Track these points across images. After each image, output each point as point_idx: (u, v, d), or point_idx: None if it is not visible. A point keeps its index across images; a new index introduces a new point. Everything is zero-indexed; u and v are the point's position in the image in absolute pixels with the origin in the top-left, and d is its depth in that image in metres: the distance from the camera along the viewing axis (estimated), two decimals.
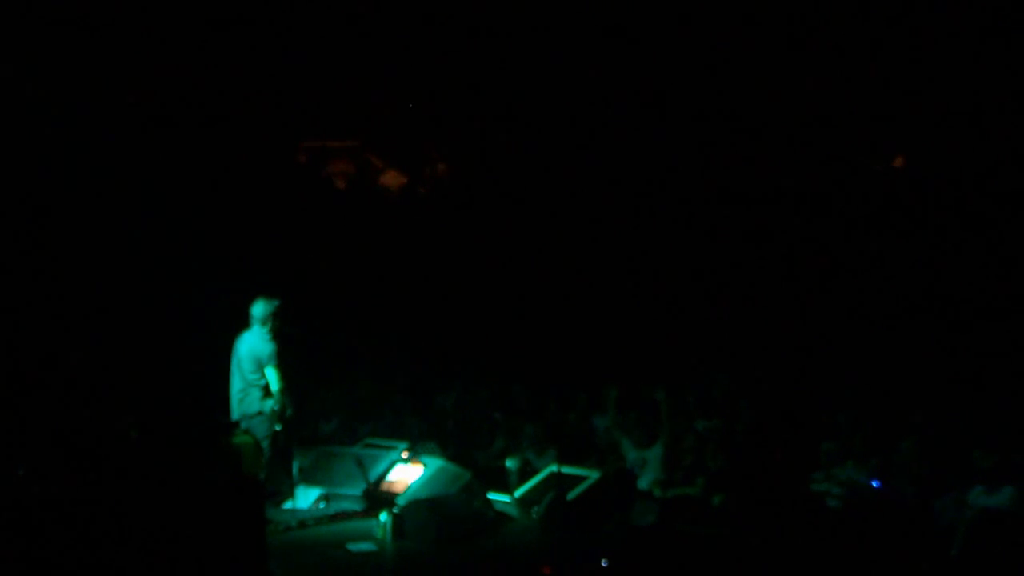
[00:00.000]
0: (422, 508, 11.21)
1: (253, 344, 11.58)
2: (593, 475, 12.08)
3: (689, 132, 15.80)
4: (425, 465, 12.31)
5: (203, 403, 12.18)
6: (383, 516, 11.19)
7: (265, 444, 11.23)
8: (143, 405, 11.09)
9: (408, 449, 12.70)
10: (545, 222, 16.89)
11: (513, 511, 12.29)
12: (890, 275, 15.75)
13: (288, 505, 12.07)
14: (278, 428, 11.60)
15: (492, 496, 12.27)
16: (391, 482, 12.31)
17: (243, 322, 11.70)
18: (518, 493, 12.48)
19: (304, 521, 11.72)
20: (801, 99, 15.01)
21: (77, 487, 8.48)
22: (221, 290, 12.80)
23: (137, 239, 14.34)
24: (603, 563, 9.87)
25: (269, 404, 11.52)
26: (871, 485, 11.38)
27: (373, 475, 12.38)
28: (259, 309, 11.61)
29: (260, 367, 11.52)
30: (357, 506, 12.19)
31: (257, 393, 11.56)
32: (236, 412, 11.59)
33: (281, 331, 11.60)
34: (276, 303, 11.65)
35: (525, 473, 12.87)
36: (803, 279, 16.08)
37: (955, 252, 15.48)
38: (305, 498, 12.28)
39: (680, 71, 14.84)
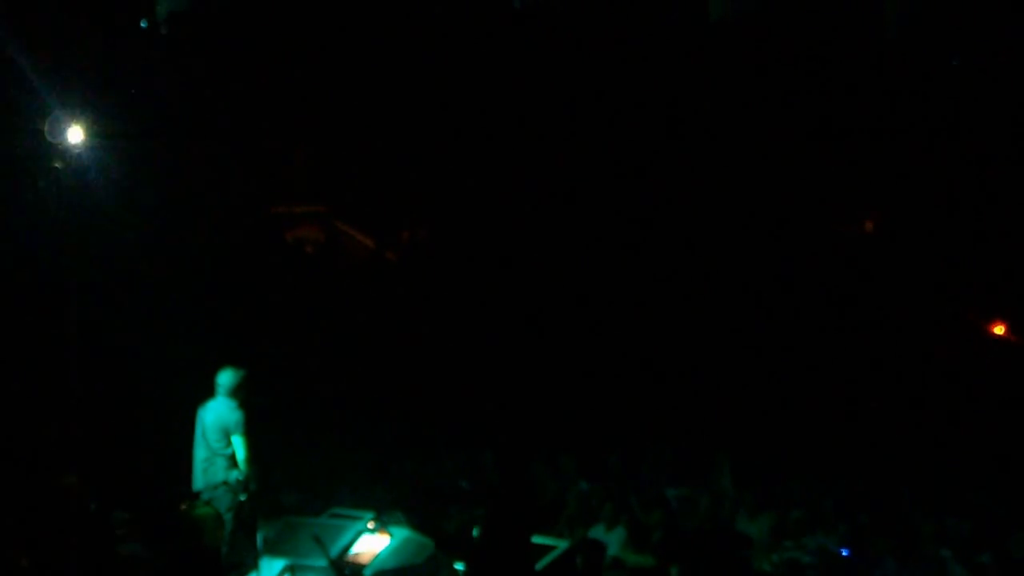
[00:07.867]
0: None
1: (220, 413, 11.43)
2: (561, 545, 11.93)
3: (651, 200, 15.95)
4: (391, 535, 12.14)
5: (164, 474, 12.02)
6: None
7: (228, 515, 11.06)
8: (102, 478, 10.96)
9: (375, 519, 12.54)
10: (509, 286, 16.94)
11: None
12: (856, 339, 15.81)
13: None
14: (243, 498, 11.44)
15: (459, 566, 12.10)
16: (357, 553, 12.13)
17: (206, 390, 11.57)
18: None
19: None
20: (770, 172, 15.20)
21: (33, 557, 8.35)
22: (184, 357, 12.70)
23: (97, 304, 14.22)
24: None
25: (234, 474, 11.37)
26: (841, 553, 11.33)
27: (339, 546, 12.21)
28: (226, 378, 11.47)
29: (227, 436, 11.37)
30: None
31: (223, 463, 11.41)
32: (200, 482, 11.44)
33: (248, 400, 11.48)
34: (243, 372, 11.54)
35: None
36: (769, 344, 16.12)
37: (925, 317, 15.59)
38: (270, 569, 12.05)
39: (647, 141, 15.00)
